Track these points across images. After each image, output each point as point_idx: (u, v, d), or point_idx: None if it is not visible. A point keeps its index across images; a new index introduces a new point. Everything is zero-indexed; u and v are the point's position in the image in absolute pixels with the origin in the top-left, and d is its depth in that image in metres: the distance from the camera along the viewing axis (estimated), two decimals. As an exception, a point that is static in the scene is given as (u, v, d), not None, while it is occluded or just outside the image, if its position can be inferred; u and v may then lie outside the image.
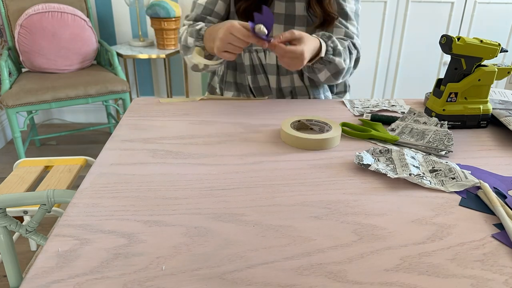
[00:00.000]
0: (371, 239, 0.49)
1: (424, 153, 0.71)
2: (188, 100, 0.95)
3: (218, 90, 1.15)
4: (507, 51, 0.83)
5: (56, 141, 2.46)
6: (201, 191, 0.59)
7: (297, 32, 0.80)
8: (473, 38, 0.78)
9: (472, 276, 0.44)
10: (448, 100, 0.81)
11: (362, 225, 0.52)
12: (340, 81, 1.00)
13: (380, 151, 0.70)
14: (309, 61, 0.90)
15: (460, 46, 0.77)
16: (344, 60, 0.94)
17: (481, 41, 0.78)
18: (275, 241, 0.49)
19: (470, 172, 0.65)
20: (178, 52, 2.35)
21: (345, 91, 1.16)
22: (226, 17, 1.04)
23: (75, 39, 2.06)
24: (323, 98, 1.08)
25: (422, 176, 0.62)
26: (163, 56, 2.24)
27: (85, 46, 2.11)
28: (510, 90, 0.98)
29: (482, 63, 0.81)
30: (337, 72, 0.95)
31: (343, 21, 0.99)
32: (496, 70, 0.80)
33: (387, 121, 0.85)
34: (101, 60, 2.28)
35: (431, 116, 0.83)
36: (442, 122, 0.79)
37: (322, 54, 0.89)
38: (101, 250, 0.46)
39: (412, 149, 0.73)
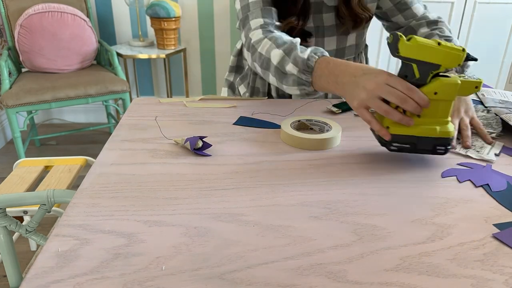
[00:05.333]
0: (371, 239, 0.49)
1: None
2: (188, 100, 0.95)
3: (240, 92, 1.09)
4: (476, 59, 0.65)
5: (56, 141, 2.46)
6: (201, 191, 0.59)
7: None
8: (432, 39, 0.62)
9: (472, 276, 0.44)
10: None
11: (362, 225, 0.52)
12: None
13: None
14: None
15: (410, 48, 0.61)
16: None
17: (439, 43, 0.61)
18: (275, 241, 0.49)
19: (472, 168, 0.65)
20: (178, 52, 2.35)
21: None
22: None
23: (75, 39, 2.06)
24: None
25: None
26: (163, 56, 2.24)
27: (85, 46, 2.11)
28: (511, 91, 0.98)
29: (442, 73, 0.64)
30: None
31: (408, 12, 0.97)
32: (460, 82, 0.62)
33: None
34: (101, 60, 2.28)
35: (375, 135, 0.69)
36: (488, 107, 0.81)
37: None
38: (101, 250, 0.46)
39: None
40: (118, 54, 2.21)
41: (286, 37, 0.81)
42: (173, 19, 2.24)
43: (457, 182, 0.63)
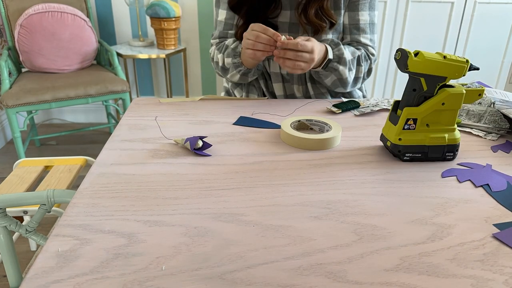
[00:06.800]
0: (371, 239, 0.49)
1: (485, 132, 0.81)
2: (188, 100, 0.95)
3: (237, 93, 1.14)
4: (478, 69, 0.69)
5: (56, 141, 2.46)
6: (201, 191, 0.59)
7: (305, 37, 0.84)
8: (436, 53, 0.65)
9: (472, 276, 0.44)
10: (405, 127, 0.68)
11: (362, 225, 0.52)
12: (349, 89, 1.01)
13: None
14: (315, 67, 0.93)
15: (418, 63, 0.64)
16: (350, 70, 0.96)
17: (445, 57, 0.65)
18: (275, 241, 0.49)
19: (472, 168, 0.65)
20: (178, 52, 2.35)
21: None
22: None
23: (75, 39, 2.06)
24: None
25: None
26: (163, 56, 2.24)
27: (85, 46, 2.11)
28: (511, 92, 0.98)
29: (448, 83, 0.68)
30: (342, 79, 0.96)
31: (355, 36, 1.01)
32: (464, 91, 0.67)
33: None
34: (101, 60, 2.28)
35: (386, 146, 0.72)
36: (493, 101, 0.82)
37: (330, 56, 0.91)
38: (101, 250, 0.46)
39: (474, 129, 0.82)
40: (118, 54, 2.20)
41: (227, 43, 1.01)
42: (173, 19, 2.24)
43: (457, 182, 0.63)
